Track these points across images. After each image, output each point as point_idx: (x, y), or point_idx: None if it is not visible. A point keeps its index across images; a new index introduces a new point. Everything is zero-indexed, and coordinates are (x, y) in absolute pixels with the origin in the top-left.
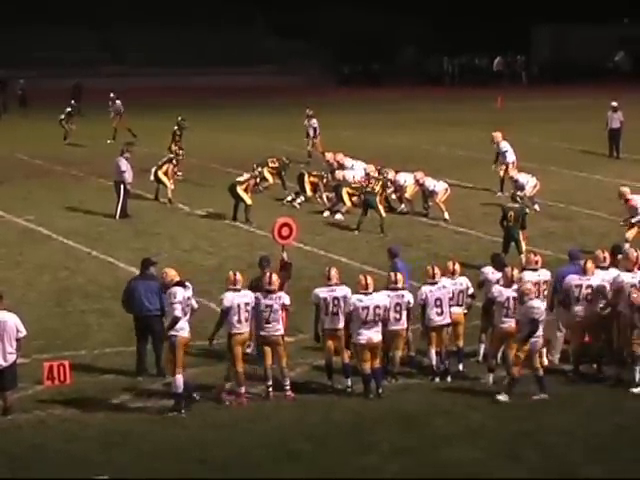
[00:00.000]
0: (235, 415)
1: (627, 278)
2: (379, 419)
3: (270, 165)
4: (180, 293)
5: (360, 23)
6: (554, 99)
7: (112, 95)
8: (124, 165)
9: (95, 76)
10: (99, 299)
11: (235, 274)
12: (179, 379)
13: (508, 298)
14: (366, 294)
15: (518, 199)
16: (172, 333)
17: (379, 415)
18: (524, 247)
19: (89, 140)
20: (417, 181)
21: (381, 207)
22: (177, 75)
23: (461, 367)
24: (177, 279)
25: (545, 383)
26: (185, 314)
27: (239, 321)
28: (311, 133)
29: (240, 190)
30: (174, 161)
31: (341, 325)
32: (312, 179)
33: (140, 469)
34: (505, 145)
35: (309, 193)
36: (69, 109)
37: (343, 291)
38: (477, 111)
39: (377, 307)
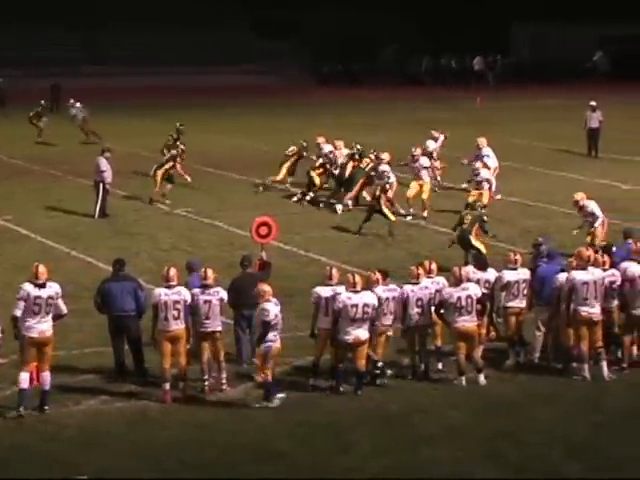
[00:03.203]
0: (216, 415)
1: (579, 276)
2: (359, 419)
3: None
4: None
5: (341, 23)
6: (534, 99)
7: (72, 101)
8: (104, 165)
9: (76, 76)
10: (78, 299)
11: (169, 270)
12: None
13: (459, 298)
14: (355, 292)
15: (478, 207)
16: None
17: (359, 415)
18: (482, 246)
19: (68, 140)
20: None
21: (387, 210)
22: (158, 75)
23: (440, 366)
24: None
25: None
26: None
27: (166, 318)
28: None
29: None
30: (178, 158)
31: None
32: (317, 171)
33: (119, 469)
34: (488, 150)
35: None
36: (38, 108)
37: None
38: (457, 111)
39: (366, 305)
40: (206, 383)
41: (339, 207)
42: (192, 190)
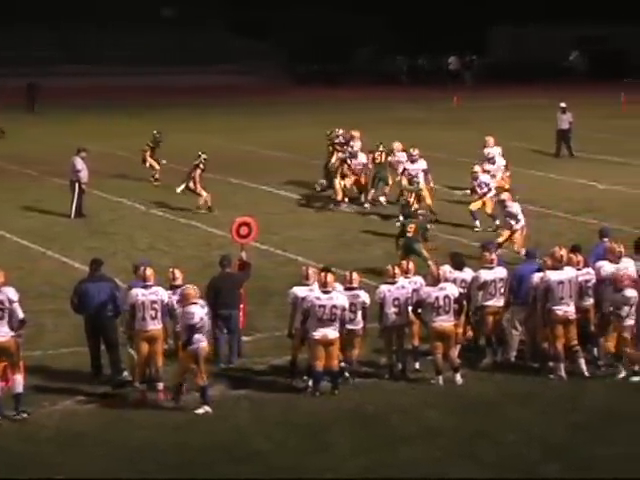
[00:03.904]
0: (192, 416)
1: (554, 276)
2: (337, 419)
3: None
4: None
5: (318, 22)
6: (511, 98)
7: None
8: (79, 164)
9: (52, 75)
10: (54, 299)
11: (145, 269)
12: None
13: (437, 297)
14: (325, 292)
15: (420, 214)
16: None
17: (337, 415)
18: (428, 255)
19: (45, 140)
20: None
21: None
22: (135, 74)
23: (417, 366)
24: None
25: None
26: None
27: (143, 318)
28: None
29: None
30: (201, 165)
31: None
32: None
33: (96, 470)
34: (491, 150)
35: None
36: None
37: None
38: (434, 111)
39: (334, 307)
40: (185, 383)
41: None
42: (170, 190)
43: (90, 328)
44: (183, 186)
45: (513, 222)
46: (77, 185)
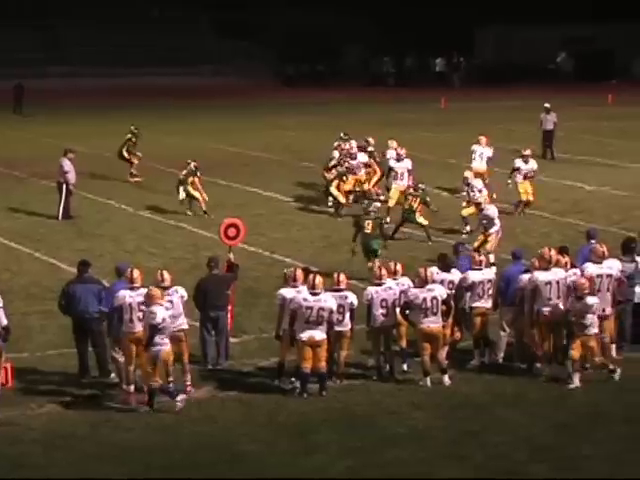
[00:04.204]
0: (180, 417)
1: (541, 277)
2: (325, 420)
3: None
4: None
5: (305, 23)
6: (497, 100)
7: None
8: (67, 165)
9: (39, 76)
10: (41, 301)
11: (132, 271)
12: None
13: (425, 299)
14: (314, 294)
15: (372, 211)
16: None
17: (325, 416)
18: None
19: (31, 141)
20: None
21: (422, 218)
22: (122, 76)
23: (405, 367)
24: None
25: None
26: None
27: (131, 320)
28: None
29: None
30: (198, 173)
31: None
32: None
33: (84, 472)
34: (478, 148)
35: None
36: None
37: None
38: (421, 112)
39: (322, 309)
40: (170, 385)
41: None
42: (156, 191)
43: (77, 329)
44: (183, 194)
45: (486, 224)
46: (65, 186)
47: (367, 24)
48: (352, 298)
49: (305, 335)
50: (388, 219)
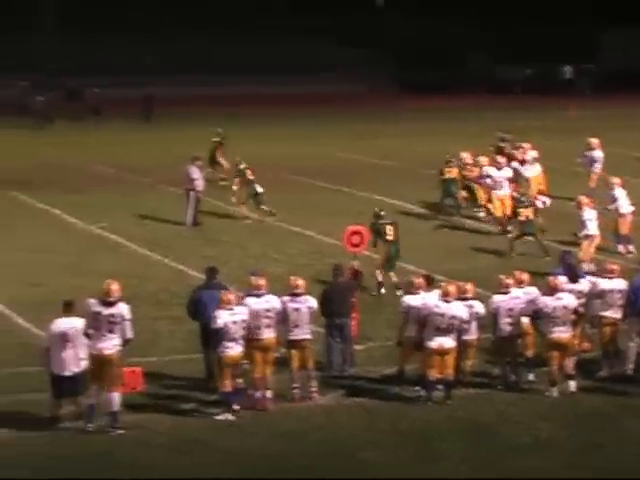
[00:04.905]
0: (304, 423)
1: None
2: (449, 428)
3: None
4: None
5: (425, 30)
6: (627, 107)
7: None
8: (195, 173)
9: (167, 85)
10: (170, 306)
11: (257, 278)
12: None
13: (554, 308)
14: (446, 302)
15: (381, 213)
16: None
17: (449, 424)
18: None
19: (160, 149)
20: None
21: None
22: (245, 83)
23: (531, 377)
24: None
25: None
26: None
27: (257, 327)
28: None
29: None
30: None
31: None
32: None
33: (208, 475)
34: (594, 152)
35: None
36: None
37: (432, 299)
38: (547, 119)
39: (453, 317)
40: (295, 391)
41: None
42: (282, 198)
43: (205, 335)
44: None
45: (583, 229)
46: (193, 194)
47: (485, 31)
48: (478, 307)
49: (434, 343)
50: (510, 228)
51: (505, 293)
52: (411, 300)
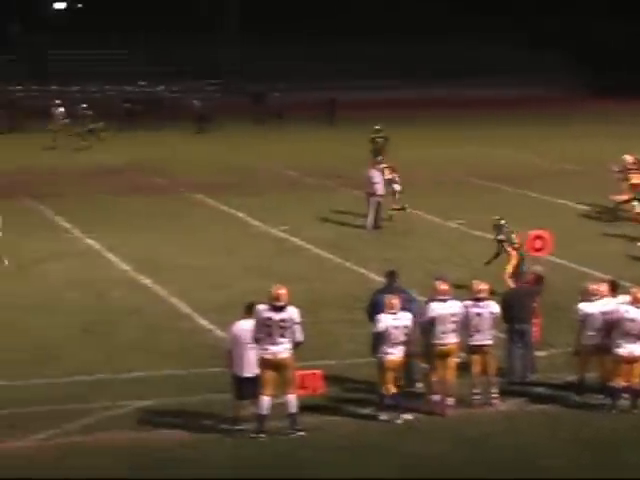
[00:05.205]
0: (486, 430)
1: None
2: (635, 438)
3: None
4: None
5: (616, 33)
6: None
7: (57, 102)
8: (376, 177)
9: (353, 89)
10: (350, 310)
11: (441, 284)
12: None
13: None
14: (638, 307)
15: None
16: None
17: (635, 434)
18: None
19: (342, 152)
20: None
21: None
22: (429, 87)
23: None
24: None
25: None
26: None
27: (443, 332)
28: None
29: None
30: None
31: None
32: None
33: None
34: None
35: None
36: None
37: (608, 306)
38: None
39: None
40: (476, 397)
41: None
42: (464, 202)
43: None
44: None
45: None
46: (374, 197)
47: None
48: None
49: (624, 350)
50: None
51: None
52: (587, 307)
